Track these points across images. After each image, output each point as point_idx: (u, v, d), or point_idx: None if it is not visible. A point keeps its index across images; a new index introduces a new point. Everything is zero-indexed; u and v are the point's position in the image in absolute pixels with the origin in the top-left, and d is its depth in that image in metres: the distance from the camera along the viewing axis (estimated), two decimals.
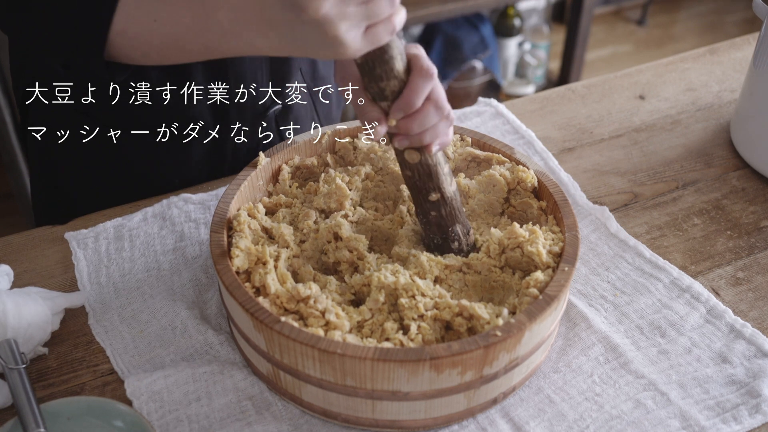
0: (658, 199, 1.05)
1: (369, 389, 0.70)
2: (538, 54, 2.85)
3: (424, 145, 0.77)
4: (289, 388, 0.75)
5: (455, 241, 0.83)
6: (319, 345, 0.69)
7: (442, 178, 0.80)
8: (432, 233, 0.84)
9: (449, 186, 0.81)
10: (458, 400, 0.73)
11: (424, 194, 0.81)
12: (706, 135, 1.17)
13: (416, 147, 0.77)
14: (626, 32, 3.50)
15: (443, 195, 0.81)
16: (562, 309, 0.79)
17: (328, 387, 0.72)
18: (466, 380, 0.71)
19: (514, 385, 0.77)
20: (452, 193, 0.82)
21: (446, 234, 0.83)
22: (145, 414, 0.75)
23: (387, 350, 0.68)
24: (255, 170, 0.89)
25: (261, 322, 0.71)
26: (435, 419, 0.74)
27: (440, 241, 0.84)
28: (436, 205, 0.81)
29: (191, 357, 0.81)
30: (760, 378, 0.79)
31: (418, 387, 0.70)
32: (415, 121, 0.74)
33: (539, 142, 1.13)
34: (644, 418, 0.76)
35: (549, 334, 0.78)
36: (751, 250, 0.97)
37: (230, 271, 0.76)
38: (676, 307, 0.88)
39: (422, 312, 0.75)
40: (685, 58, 1.35)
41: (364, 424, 0.75)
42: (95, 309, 0.87)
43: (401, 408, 0.72)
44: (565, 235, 0.81)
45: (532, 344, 0.74)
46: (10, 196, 2.26)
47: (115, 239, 0.96)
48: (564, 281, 0.75)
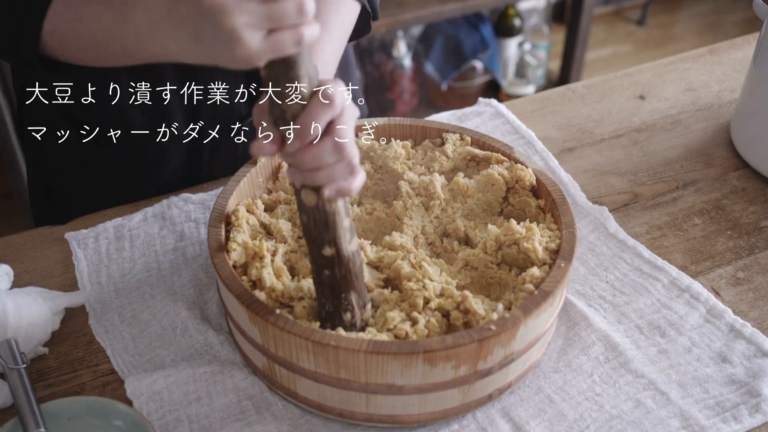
0: (659, 199, 1.05)
1: (363, 382, 0.71)
2: (538, 54, 2.85)
3: (318, 185, 0.69)
4: (284, 382, 0.76)
5: (347, 311, 0.74)
6: (312, 337, 0.69)
7: (340, 231, 0.71)
8: (324, 297, 0.74)
9: (348, 243, 0.72)
10: (453, 395, 0.73)
11: (318, 246, 0.72)
12: (706, 135, 1.17)
13: (312, 187, 0.69)
14: (626, 32, 3.50)
15: (339, 252, 0.72)
16: (559, 305, 0.79)
17: (322, 380, 0.72)
18: (461, 374, 0.71)
19: (510, 382, 0.77)
20: (350, 253, 0.73)
21: (338, 301, 0.74)
22: (145, 414, 0.75)
23: (381, 343, 0.68)
24: (255, 167, 0.89)
25: (256, 314, 0.71)
26: (430, 414, 0.75)
27: (331, 308, 0.74)
28: (330, 262, 0.72)
29: (191, 357, 0.81)
30: (759, 377, 0.80)
31: (412, 380, 0.70)
32: (307, 152, 0.66)
33: (539, 142, 1.13)
34: (644, 417, 0.76)
35: (545, 331, 0.78)
36: (752, 250, 0.97)
37: (227, 264, 0.76)
38: (676, 307, 0.88)
39: (431, 297, 0.75)
40: (685, 58, 1.35)
41: (359, 419, 0.75)
42: (95, 309, 0.87)
43: (395, 402, 0.72)
44: (562, 232, 0.81)
45: (528, 340, 0.74)
46: (10, 196, 2.26)
47: (115, 239, 0.96)
48: (560, 277, 0.75)
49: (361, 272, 0.75)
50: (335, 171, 0.68)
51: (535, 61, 2.84)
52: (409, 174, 0.91)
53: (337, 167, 0.68)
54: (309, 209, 0.71)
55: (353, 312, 0.74)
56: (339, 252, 0.72)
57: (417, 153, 0.95)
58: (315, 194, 0.69)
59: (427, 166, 0.94)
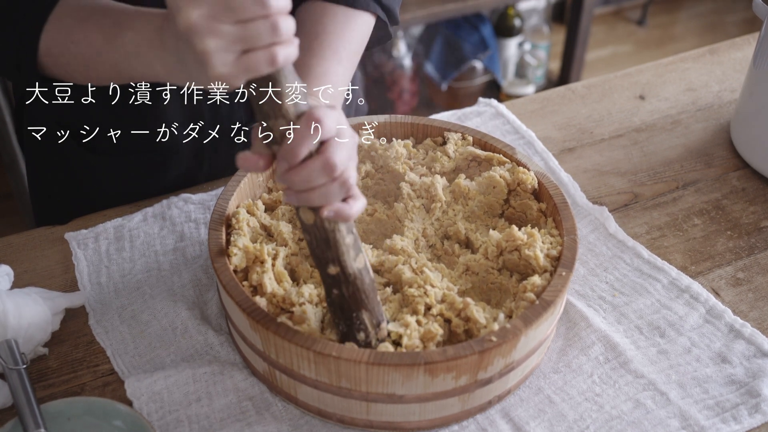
0: (659, 199, 1.05)
1: (364, 392, 0.71)
2: (538, 54, 2.85)
3: (314, 206, 0.68)
4: (284, 387, 0.76)
5: (360, 331, 0.73)
6: (314, 347, 0.69)
7: (342, 249, 0.70)
8: (336, 317, 0.74)
9: (352, 261, 0.71)
10: (453, 403, 0.73)
11: (323, 265, 0.72)
12: (706, 135, 1.17)
13: (311, 207, 0.69)
14: (626, 32, 3.49)
15: (344, 270, 0.71)
16: (559, 313, 0.79)
17: (323, 388, 0.72)
18: (461, 384, 0.71)
19: (510, 388, 0.77)
20: (356, 271, 0.71)
21: (350, 321, 0.73)
22: (145, 414, 0.75)
23: (382, 354, 0.68)
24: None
25: (257, 322, 0.71)
26: (430, 421, 0.75)
27: (344, 328, 0.73)
28: (337, 281, 0.71)
29: (191, 357, 0.81)
30: (759, 378, 0.80)
31: (412, 390, 0.70)
32: (296, 175, 0.66)
33: (539, 142, 1.13)
34: (644, 418, 0.76)
35: (545, 338, 0.78)
36: (752, 251, 0.97)
37: (228, 269, 0.76)
38: (675, 307, 0.88)
39: (432, 303, 0.75)
40: (685, 58, 1.35)
41: (359, 425, 0.75)
42: (95, 309, 0.87)
43: (395, 410, 0.72)
44: (563, 239, 0.81)
45: (528, 349, 0.74)
46: (11, 196, 2.26)
47: (115, 239, 0.96)
48: (561, 286, 0.75)
49: (372, 290, 0.73)
50: (329, 191, 0.67)
51: (535, 61, 2.84)
52: (411, 175, 0.91)
53: (330, 187, 0.67)
54: (309, 228, 0.70)
55: (366, 332, 0.73)
56: (344, 270, 0.71)
57: (418, 152, 0.95)
58: (312, 213, 0.69)
59: (429, 167, 0.93)
